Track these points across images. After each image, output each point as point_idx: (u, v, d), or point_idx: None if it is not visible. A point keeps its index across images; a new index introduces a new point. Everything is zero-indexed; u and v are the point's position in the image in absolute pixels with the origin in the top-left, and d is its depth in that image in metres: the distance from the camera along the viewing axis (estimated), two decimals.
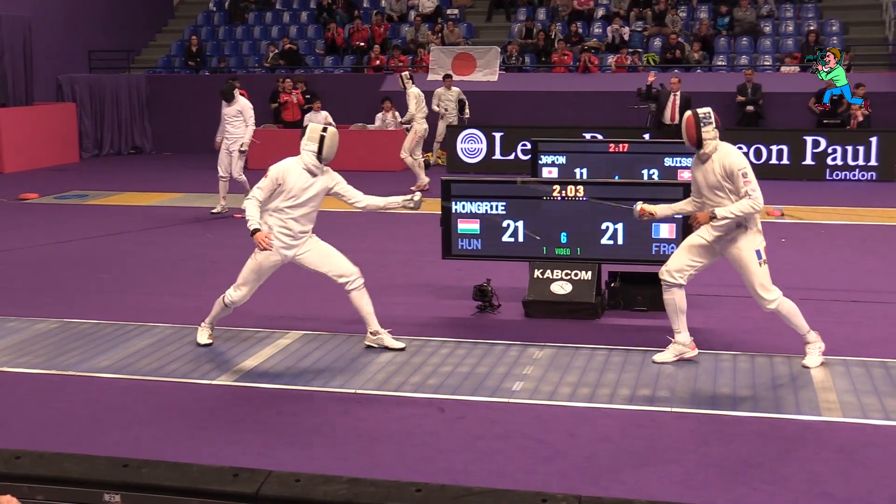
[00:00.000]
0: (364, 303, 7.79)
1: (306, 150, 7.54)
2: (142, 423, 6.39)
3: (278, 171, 7.50)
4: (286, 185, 7.48)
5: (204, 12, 27.03)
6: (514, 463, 5.71)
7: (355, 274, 7.75)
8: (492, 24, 24.98)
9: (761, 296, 7.23)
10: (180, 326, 8.56)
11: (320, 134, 7.53)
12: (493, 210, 8.85)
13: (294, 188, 7.49)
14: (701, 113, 7.27)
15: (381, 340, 7.86)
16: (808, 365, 7.33)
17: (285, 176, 7.49)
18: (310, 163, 7.54)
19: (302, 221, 7.61)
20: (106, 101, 23.11)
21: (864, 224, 13.49)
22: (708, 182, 7.24)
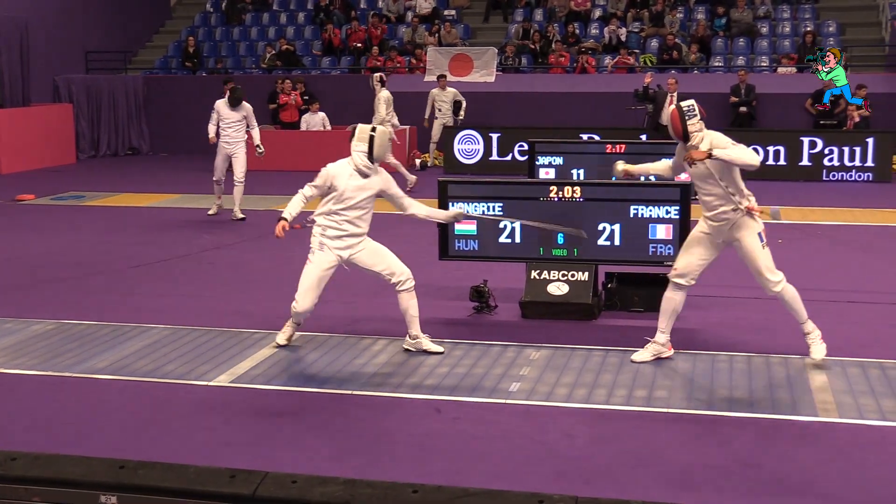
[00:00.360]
0: (411, 305, 7.76)
1: (357, 150, 7.56)
2: (138, 424, 6.39)
3: (328, 173, 7.57)
4: (336, 188, 7.51)
5: (201, 13, 27.03)
6: (510, 464, 5.71)
7: (406, 274, 7.74)
8: (489, 25, 24.99)
9: (767, 278, 7.27)
10: (177, 327, 8.55)
11: (369, 134, 7.55)
12: (490, 211, 8.85)
13: (345, 191, 7.51)
14: (685, 106, 7.26)
15: (420, 345, 7.81)
16: (815, 357, 7.33)
17: (334, 180, 7.53)
18: (361, 164, 7.56)
19: (356, 223, 7.63)
20: (103, 103, 23.10)
21: (861, 225, 13.50)
22: (697, 172, 7.25)
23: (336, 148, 19.80)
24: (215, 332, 8.39)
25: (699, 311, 8.94)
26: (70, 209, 15.52)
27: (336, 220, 7.57)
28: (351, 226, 7.61)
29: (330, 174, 7.55)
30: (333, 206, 7.55)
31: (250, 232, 13.25)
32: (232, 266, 11.19)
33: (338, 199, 7.53)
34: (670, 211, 8.54)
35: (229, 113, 14.02)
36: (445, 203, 8.91)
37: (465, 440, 6.06)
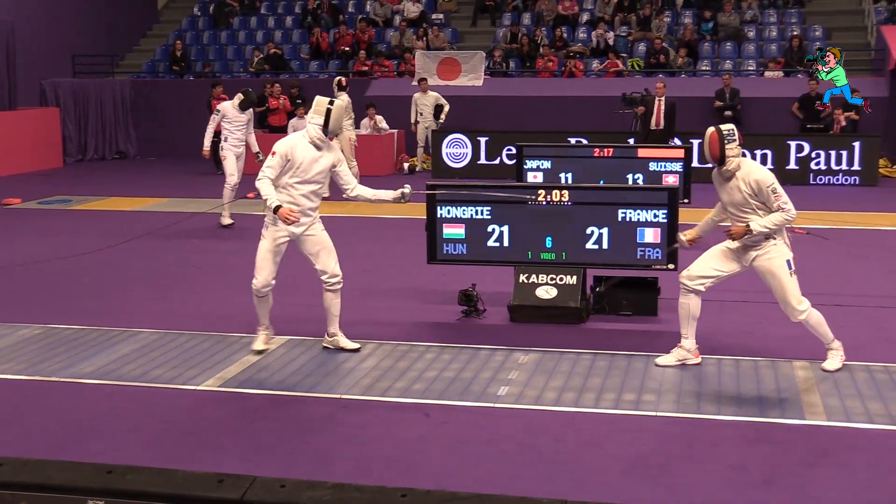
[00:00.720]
0: (334, 304, 7.92)
1: (312, 122, 7.59)
2: (126, 429, 6.37)
3: (285, 146, 7.55)
4: (294, 160, 7.52)
5: (188, 17, 26.99)
6: (499, 468, 5.70)
7: (338, 277, 7.84)
8: (477, 30, 25.02)
9: (794, 307, 7.22)
10: (164, 332, 8.53)
11: (326, 107, 7.57)
12: (478, 214, 8.86)
13: (303, 163, 7.53)
14: (725, 129, 7.19)
15: (338, 342, 7.96)
16: (827, 368, 7.34)
17: (293, 151, 7.53)
18: (315, 136, 7.58)
19: (311, 197, 7.66)
20: (90, 106, 23.04)
21: (848, 228, 13.55)
22: (733, 200, 7.23)
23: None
24: (203, 337, 8.37)
25: None
26: (57, 213, 15.47)
27: (291, 195, 7.57)
28: (306, 200, 7.62)
29: (287, 147, 7.53)
30: (289, 180, 7.55)
31: (238, 236, 13.23)
32: (220, 270, 11.17)
33: (294, 172, 7.54)
34: (658, 215, 8.55)
35: (238, 115, 13.95)
36: (434, 207, 8.91)
37: (454, 444, 6.06)
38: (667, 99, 17.29)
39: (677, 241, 7.92)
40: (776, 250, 7.23)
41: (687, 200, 12.04)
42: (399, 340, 8.21)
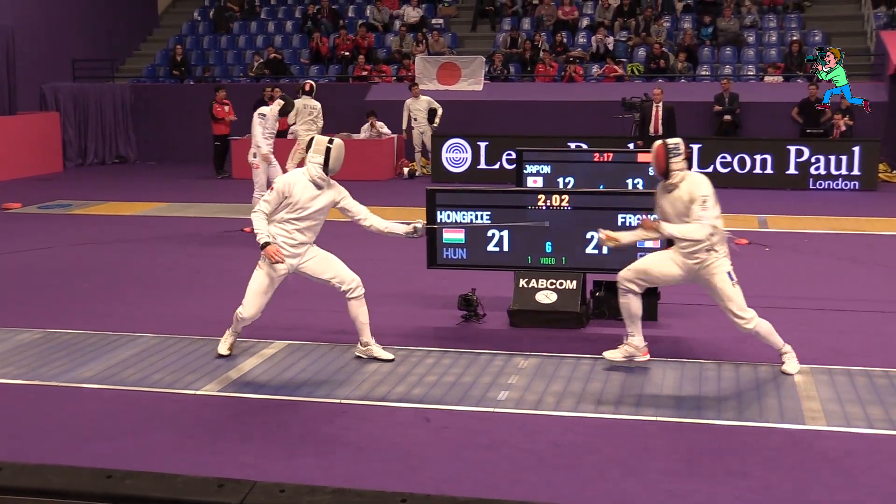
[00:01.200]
0: (361, 312, 7.77)
1: (312, 162, 7.56)
2: (126, 433, 6.36)
3: (284, 183, 7.53)
4: (292, 197, 7.49)
5: (188, 21, 27.01)
6: (499, 472, 5.70)
7: (356, 282, 7.75)
8: (477, 34, 25.04)
9: (740, 316, 7.29)
10: (164, 336, 8.53)
11: (326, 146, 7.55)
12: (478, 219, 8.86)
13: (300, 200, 7.50)
14: (671, 143, 7.27)
15: (371, 352, 7.83)
16: (788, 371, 7.38)
17: (291, 188, 7.50)
18: (316, 175, 7.55)
19: (306, 233, 7.62)
20: (90, 111, 23.06)
21: (847, 233, 13.55)
22: (676, 210, 7.28)
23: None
24: (203, 341, 8.36)
25: (687, 320, 8.96)
26: (57, 217, 15.48)
27: (287, 230, 7.55)
28: (301, 235, 7.60)
29: (287, 183, 7.52)
30: (286, 215, 7.53)
31: (237, 241, 13.23)
32: (220, 274, 11.17)
33: (292, 209, 7.51)
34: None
35: (271, 124, 13.84)
36: (433, 211, 8.91)
37: (454, 449, 6.05)
38: (664, 104, 17.30)
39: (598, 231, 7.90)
40: (717, 263, 7.27)
41: None
42: (399, 345, 8.21)
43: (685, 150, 7.37)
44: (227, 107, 20.50)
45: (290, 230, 7.54)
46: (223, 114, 20.40)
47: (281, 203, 7.50)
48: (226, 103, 20.55)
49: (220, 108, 20.45)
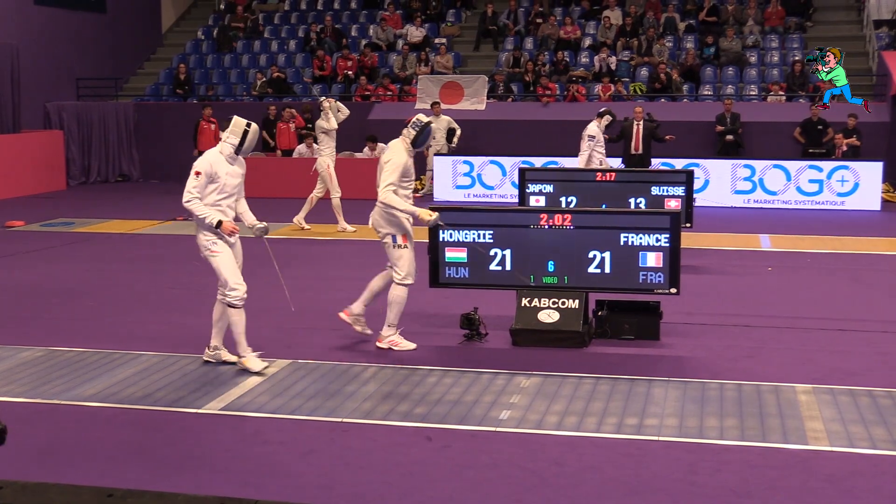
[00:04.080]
0: (226, 318, 8.08)
1: (227, 142, 7.95)
2: (127, 452, 6.35)
3: (207, 164, 7.89)
4: (218, 177, 7.87)
5: (192, 40, 27.11)
6: (501, 492, 5.68)
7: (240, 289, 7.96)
8: (479, 54, 25.11)
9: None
10: (167, 355, 8.53)
11: (244, 129, 7.92)
12: (480, 238, 8.86)
13: (224, 178, 7.89)
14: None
15: (220, 356, 8.21)
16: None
17: (215, 169, 7.88)
18: (228, 153, 7.92)
19: (234, 207, 8.07)
20: (93, 129, 23.12)
21: (850, 253, 13.54)
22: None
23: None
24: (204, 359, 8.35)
25: (690, 339, 8.95)
26: (59, 235, 15.49)
27: (220, 209, 7.92)
28: (231, 211, 8.02)
29: (209, 163, 7.87)
30: (216, 196, 7.91)
31: None
32: None
33: (220, 189, 7.90)
34: (660, 239, 8.56)
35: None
36: (436, 231, 8.92)
37: (456, 468, 6.04)
38: (645, 123, 17.32)
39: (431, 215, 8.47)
40: None
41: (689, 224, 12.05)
42: (401, 364, 8.21)
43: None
44: (213, 125, 20.57)
45: (223, 208, 7.93)
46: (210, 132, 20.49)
47: (208, 186, 7.86)
48: (212, 121, 20.62)
49: (208, 126, 20.53)
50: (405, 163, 8.45)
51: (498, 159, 19.56)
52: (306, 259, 13.26)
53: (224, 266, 7.92)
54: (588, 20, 25.15)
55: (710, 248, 13.66)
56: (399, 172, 8.39)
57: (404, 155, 8.48)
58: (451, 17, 26.45)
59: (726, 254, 13.41)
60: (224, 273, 7.91)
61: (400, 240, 8.50)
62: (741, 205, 18.59)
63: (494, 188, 19.78)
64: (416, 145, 8.55)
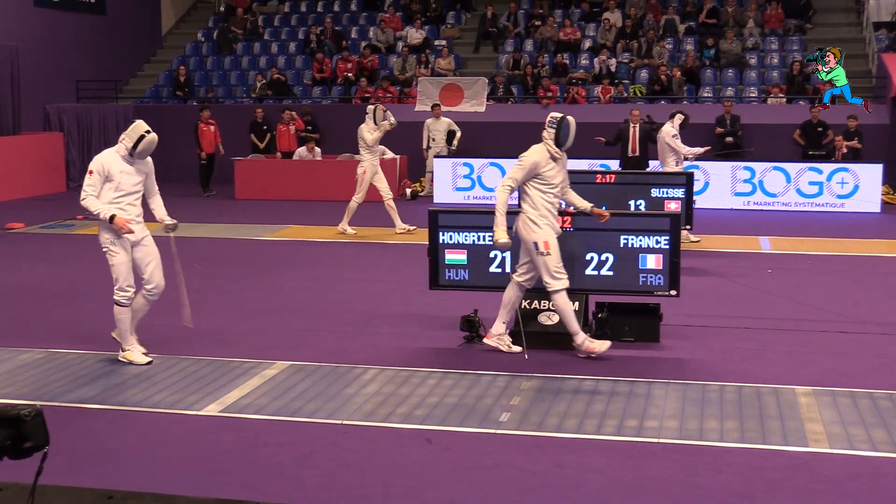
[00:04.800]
0: (142, 309, 8.32)
1: (123, 143, 8.07)
2: (127, 454, 6.35)
3: (99, 164, 8.04)
4: (112, 176, 8.01)
5: (192, 42, 27.11)
6: (501, 493, 5.68)
7: (160, 287, 8.25)
8: (479, 56, 25.10)
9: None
10: (166, 356, 8.53)
11: (141, 134, 8.04)
12: (480, 240, 8.86)
13: (118, 177, 8.02)
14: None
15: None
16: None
17: (109, 168, 8.02)
18: (124, 154, 8.04)
19: (136, 205, 8.18)
20: (93, 131, 23.10)
21: (850, 255, 13.54)
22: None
23: (327, 177, 19.92)
24: (205, 362, 8.36)
25: (690, 341, 8.95)
26: (59, 237, 15.48)
27: (119, 206, 8.02)
28: (132, 208, 8.14)
29: (102, 165, 8.01)
30: (114, 195, 8.04)
31: (237, 261, 13.25)
32: (220, 295, 11.17)
33: (116, 188, 8.03)
34: (660, 241, 8.56)
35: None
36: (436, 233, 8.91)
37: (456, 470, 6.04)
38: (643, 125, 17.30)
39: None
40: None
41: (689, 227, 12.05)
42: (401, 366, 8.20)
43: None
44: (212, 127, 20.56)
45: (122, 205, 8.04)
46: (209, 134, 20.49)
47: (105, 184, 8.00)
48: (211, 123, 20.62)
49: (207, 128, 20.52)
50: (532, 162, 8.17)
51: (498, 161, 19.54)
52: (305, 261, 13.26)
53: (118, 268, 8.15)
54: (588, 22, 25.15)
55: (711, 251, 13.67)
56: (523, 171, 8.17)
57: (535, 155, 8.22)
58: (451, 19, 26.45)
59: (726, 256, 13.41)
60: (116, 273, 8.16)
61: (542, 247, 8.16)
62: (741, 207, 18.59)
63: (494, 190, 19.75)
64: (560, 144, 8.30)
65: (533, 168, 8.19)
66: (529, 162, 8.20)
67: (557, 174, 8.28)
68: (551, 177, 8.23)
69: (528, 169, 8.20)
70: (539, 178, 8.21)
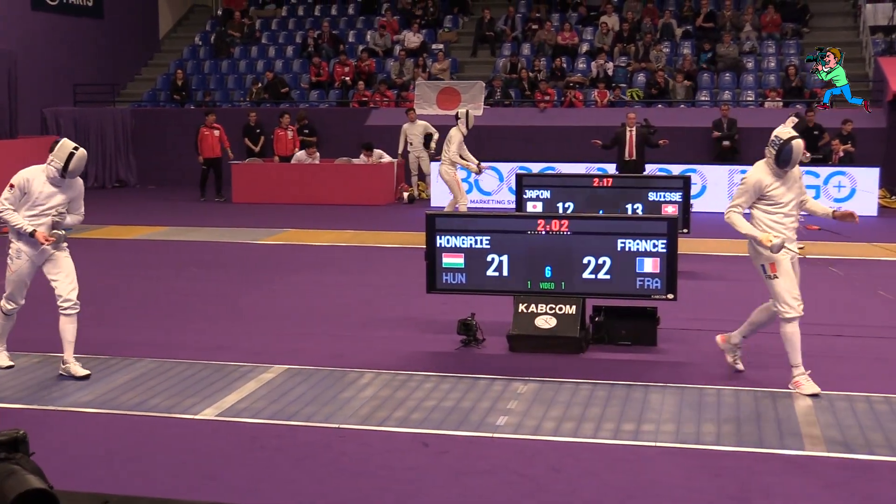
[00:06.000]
0: (68, 329, 8.02)
1: (52, 164, 7.84)
2: (123, 458, 6.34)
3: (22, 179, 7.90)
4: (31, 194, 7.84)
5: (189, 46, 27.12)
6: (498, 498, 5.68)
7: (72, 301, 7.98)
8: (477, 59, 25.11)
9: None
10: (162, 360, 8.52)
11: (70, 152, 7.79)
12: (477, 244, 8.86)
13: (39, 197, 7.83)
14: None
15: (69, 370, 8.04)
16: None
17: (29, 185, 7.86)
18: (52, 176, 7.84)
19: (48, 224, 7.89)
20: (91, 135, 23.09)
21: (846, 258, 13.53)
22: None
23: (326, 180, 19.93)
24: (201, 366, 8.35)
25: (687, 345, 8.95)
26: None
27: (33, 224, 7.84)
28: (46, 229, 7.88)
29: (24, 181, 7.87)
30: (27, 212, 7.86)
31: (234, 265, 13.24)
32: (218, 299, 11.16)
33: (31, 206, 7.86)
34: (657, 244, 8.55)
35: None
36: (433, 237, 8.90)
37: (452, 474, 6.03)
38: (639, 128, 17.31)
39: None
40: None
41: (686, 230, 12.05)
42: (398, 370, 8.20)
43: None
44: (217, 131, 20.55)
45: (36, 224, 7.84)
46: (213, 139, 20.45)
47: (21, 198, 7.86)
48: (216, 127, 20.60)
49: (210, 133, 20.48)
50: (753, 182, 7.54)
51: (495, 165, 19.55)
52: (303, 265, 13.25)
53: (9, 278, 8.07)
54: (585, 26, 25.17)
55: (708, 254, 13.66)
56: (745, 194, 7.59)
57: (756, 174, 7.56)
58: (449, 22, 26.44)
59: (723, 259, 13.41)
60: (7, 285, 8.09)
61: (769, 269, 7.62)
62: None
63: (492, 194, 19.79)
64: (780, 164, 7.45)
65: (756, 187, 7.56)
66: (750, 183, 7.58)
67: (787, 192, 7.52)
68: (778, 196, 7.52)
69: (749, 191, 7.59)
70: (764, 199, 7.57)
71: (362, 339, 9.21)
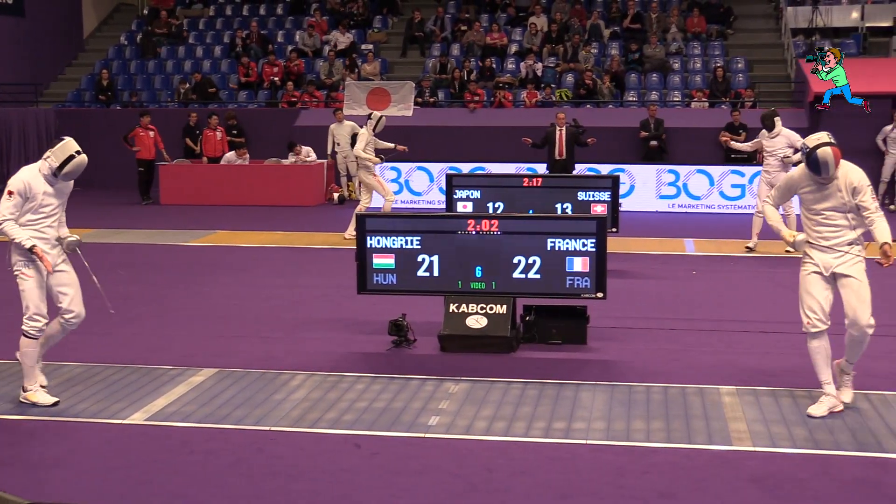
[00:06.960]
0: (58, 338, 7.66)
1: (48, 161, 7.44)
2: (50, 464, 6.23)
3: (21, 183, 7.36)
4: (34, 197, 7.37)
5: (115, 46, 26.72)
6: (431, 498, 5.69)
7: (81, 316, 7.58)
8: (406, 60, 25.12)
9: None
10: (90, 365, 8.39)
11: (71, 154, 7.46)
12: (408, 245, 8.86)
13: (40, 199, 7.40)
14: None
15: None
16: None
17: (30, 189, 7.36)
18: (46, 173, 7.43)
19: (54, 227, 7.57)
20: (13, 136, 22.65)
21: (771, 256, 13.78)
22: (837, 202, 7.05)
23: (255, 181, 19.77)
24: (129, 370, 8.24)
25: (617, 343, 9.04)
26: None
27: (37, 228, 7.42)
28: (51, 230, 7.52)
29: (24, 185, 7.36)
30: (32, 217, 7.41)
31: (163, 267, 13.08)
32: (145, 301, 11.02)
33: (36, 210, 7.41)
34: (587, 244, 8.63)
35: None
36: (364, 237, 8.88)
37: (386, 475, 6.03)
38: (569, 128, 17.47)
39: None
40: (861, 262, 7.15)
41: (615, 229, 12.17)
42: (329, 371, 8.17)
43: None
44: (152, 132, 20.28)
45: (40, 228, 7.42)
46: (148, 140, 20.14)
47: (24, 205, 7.37)
48: (151, 129, 20.33)
49: (146, 134, 20.17)
50: (787, 180, 7.36)
51: (425, 165, 19.59)
52: (232, 266, 13.13)
53: (29, 293, 7.41)
54: (514, 27, 25.31)
55: (636, 253, 13.83)
56: (780, 189, 7.41)
57: (795, 172, 7.29)
58: (378, 23, 26.41)
59: (652, 258, 13.58)
60: (27, 300, 7.41)
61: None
62: (666, 209, 18.85)
63: (422, 194, 19.82)
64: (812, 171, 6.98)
65: (788, 184, 7.35)
66: (786, 180, 7.43)
67: (821, 199, 7.07)
68: (809, 201, 7.14)
69: (783, 187, 7.42)
70: (803, 202, 7.25)
71: (293, 341, 9.16)
